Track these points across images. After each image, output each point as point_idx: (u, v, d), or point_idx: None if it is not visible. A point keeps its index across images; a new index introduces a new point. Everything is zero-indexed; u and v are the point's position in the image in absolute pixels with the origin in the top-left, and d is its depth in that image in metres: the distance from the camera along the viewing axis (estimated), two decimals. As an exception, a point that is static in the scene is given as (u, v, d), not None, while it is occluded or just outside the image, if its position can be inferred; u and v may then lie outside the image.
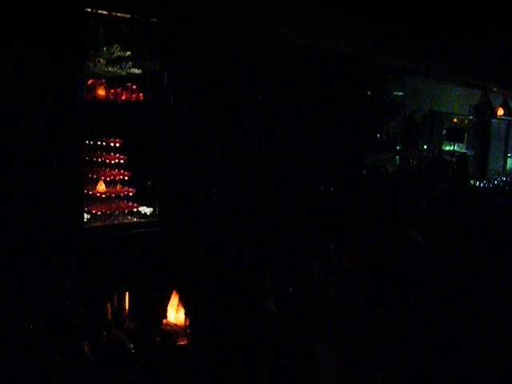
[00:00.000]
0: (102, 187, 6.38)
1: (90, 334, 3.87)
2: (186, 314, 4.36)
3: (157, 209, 6.77)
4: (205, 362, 3.79)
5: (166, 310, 4.38)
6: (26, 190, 5.50)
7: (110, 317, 4.10)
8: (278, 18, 6.92)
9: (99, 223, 6.26)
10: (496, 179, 14.41)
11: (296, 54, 8.50)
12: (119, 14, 6.03)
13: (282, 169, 8.58)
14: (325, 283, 5.20)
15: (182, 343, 4.09)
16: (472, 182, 12.59)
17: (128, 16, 6.11)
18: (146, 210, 6.78)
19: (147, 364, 3.68)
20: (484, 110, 14.49)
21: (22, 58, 5.36)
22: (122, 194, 6.54)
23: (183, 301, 4.46)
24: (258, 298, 4.54)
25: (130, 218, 6.60)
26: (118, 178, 6.51)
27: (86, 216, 6.13)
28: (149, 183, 6.91)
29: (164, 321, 4.33)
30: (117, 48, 6.24)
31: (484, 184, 13.50)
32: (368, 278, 5.20)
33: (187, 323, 4.33)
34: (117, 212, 6.47)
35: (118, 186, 6.55)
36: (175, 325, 4.28)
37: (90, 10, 5.74)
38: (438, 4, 6.23)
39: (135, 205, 6.66)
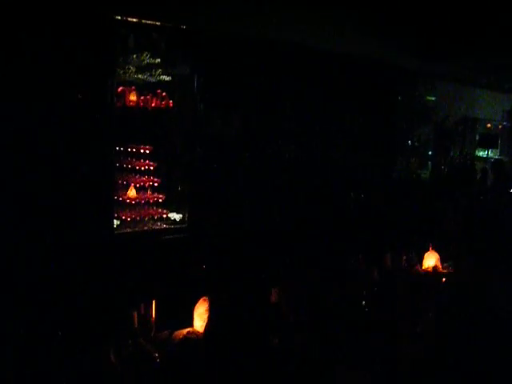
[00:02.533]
0: (132, 193, 6.41)
1: (117, 341, 3.88)
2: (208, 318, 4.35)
3: (186, 215, 6.77)
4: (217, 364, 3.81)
5: (192, 319, 4.37)
6: (56, 196, 5.53)
7: (136, 325, 4.09)
8: (309, 26, 6.89)
9: (129, 229, 6.27)
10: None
11: (328, 60, 8.45)
12: (149, 22, 6.05)
13: (312, 175, 8.54)
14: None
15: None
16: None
17: (158, 23, 6.13)
18: (175, 216, 6.80)
19: (172, 373, 3.67)
20: (517, 116, 14.30)
21: (54, 66, 5.40)
22: (151, 201, 6.57)
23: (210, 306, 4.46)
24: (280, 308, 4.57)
25: (159, 224, 6.61)
26: (147, 185, 6.54)
27: (115, 222, 6.16)
28: (178, 189, 6.92)
29: (190, 329, 4.32)
30: (147, 55, 6.27)
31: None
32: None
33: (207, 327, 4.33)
34: (146, 218, 6.49)
35: (148, 193, 6.58)
36: (201, 333, 4.26)
37: (119, 17, 5.77)
38: (471, 9, 6.16)
39: (165, 211, 6.67)
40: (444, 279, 6.19)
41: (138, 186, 6.47)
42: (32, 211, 5.38)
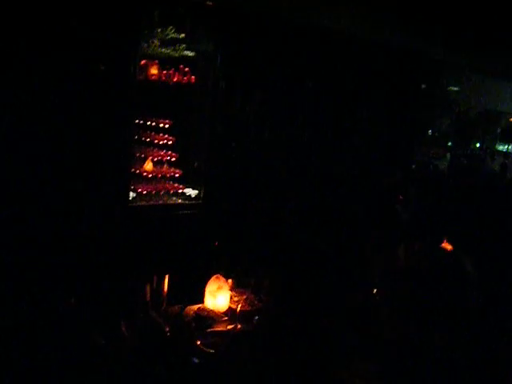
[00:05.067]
0: (149, 166, 6.41)
1: (128, 313, 3.91)
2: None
3: (202, 191, 6.78)
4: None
5: (203, 295, 4.39)
6: (74, 166, 5.56)
7: (148, 298, 4.12)
8: (333, 8, 6.83)
9: (144, 202, 6.29)
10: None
11: (350, 45, 8.38)
12: (176, -4, 6.03)
13: (330, 158, 8.52)
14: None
15: (218, 329, 4.09)
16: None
17: (184, -2, 6.11)
18: (191, 192, 6.80)
19: (181, 348, 3.70)
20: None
21: (78, 37, 5.40)
22: (168, 175, 6.56)
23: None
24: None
25: (174, 199, 6.62)
26: (165, 159, 6.53)
27: (131, 194, 6.17)
28: (195, 165, 6.92)
29: (201, 306, 4.34)
30: (171, 30, 6.23)
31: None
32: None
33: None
34: (162, 192, 6.50)
35: (165, 167, 6.57)
36: (211, 311, 4.28)
37: (147, -10, 5.75)
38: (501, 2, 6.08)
39: (181, 186, 6.66)
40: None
41: (155, 159, 6.46)
42: (50, 181, 5.41)
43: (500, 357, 4.47)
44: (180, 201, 6.64)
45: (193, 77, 6.64)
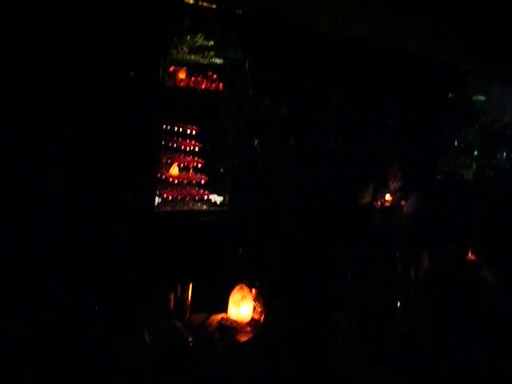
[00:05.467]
0: (175, 171, 6.45)
1: (151, 321, 3.93)
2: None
3: (227, 198, 6.79)
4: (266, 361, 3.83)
5: (227, 305, 4.40)
6: (102, 169, 5.60)
7: (172, 306, 4.14)
8: (360, 17, 6.81)
9: (169, 208, 6.31)
10: None
11: (378, 54, 8.35)
12: (205, 4, 6.05)
13: (355, 168, 8.49)
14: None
15: (242, 340, 4.10)
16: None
17: (213, 6, 6.12)
18: (216, 198, 6.82)
19: (204, 358, 3.71)
20: None
21: (108, 42, 5.45)
22: (194, 181, 6.59)
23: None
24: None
25: (199, 205, 6.64)
26: (191, 165, 6.57)
27: (157, 200, 6.21)
28: (221, 172, 6.94)
29: (224, 315, 4.35)
30: (200, 37, 6.27)
31: None
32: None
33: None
34: (187, 198, 6.52)
35: (191, 173, 6.60)
36: (235, 321, 4.29)
37: (177, -2, 5.79)
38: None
39: (206, 192, 6.68)
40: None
41: (181, 165, 6.51)
42: (77, 186, 5.45)
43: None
44: (205, 207, 6.66)
45: (221, 84, 6.68)
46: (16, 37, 4.97)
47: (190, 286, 4.39)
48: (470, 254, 6.38)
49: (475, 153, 11.96)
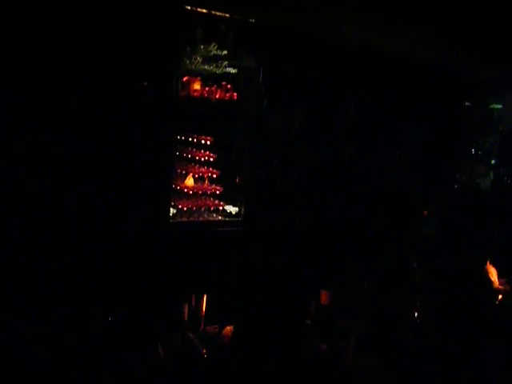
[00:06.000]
0: (190, 182, 6.42)
1: (165, 333, 3.88)
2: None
3: (242, 209, 6.75)
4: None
5: (241, 316, 4.34)
6: (117, 181, 5.59)
7: (186, 317, 4.09)
8: (375, 28, 6.77)
9: (184, 218, 6.28)
10: None
11: (394, 63, 8.29)
12: (218, 13, 6.03)
13: (371, 177, 8.42)
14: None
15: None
16: None
17: (227, 15, 6.10)
18: (231, 208, 6.77)
19: (218, 370, 3.65)
20: None
21: (122, 53, 5.45)
22: (208, 192, 6.56)
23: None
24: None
25: (214, 215, 6.59)
26: (206, 176, 6.54)
27: (172, 210, 6.18)
28: (236, 182, 6.90)
29: (239, 326, 4.29)
30: (214, 46, 6.25)
31: None
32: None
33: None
34: (202, 209, 6.49)
35: (206, 183, 6.57)
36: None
37: (190, 8, 5.76)
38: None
39: (221, 203, 6.64)
40: (501, 296, 6.01)
41: (196, 176, 6.48)
42: (92, 195, 5.44)
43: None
44: (220, 218, 6.61)
45: (235, 93, 6.64)
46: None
47: (205, 297, 4.33)
48: (488, 263, 6.29)
49: (492, 161, 11.85)
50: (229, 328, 4.19)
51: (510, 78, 10.23)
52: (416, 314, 5.09)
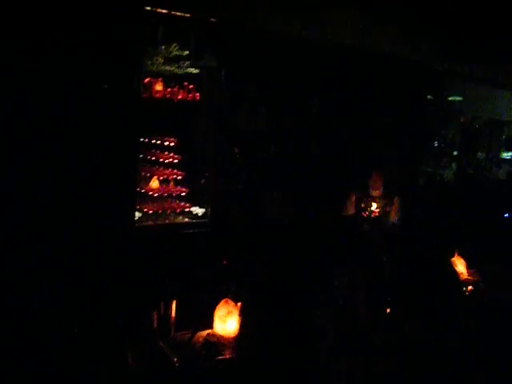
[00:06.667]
0: (155, 184, 6.34)
1: (134, 342, 3.81)
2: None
3: (209, 210, 6.69)
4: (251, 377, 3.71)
5: (212, 320, 4.28)
6: (79, 186, 5.48)
7: (155, 325, 4.01)
8: (338, 23, 6.78)
9: (150, 222, 6.22)
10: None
11: (356, 58, 8.30)
12: (178, 13, 5.96)
13: (337, 172, 8.43)
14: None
15: (229, 356, 3.98)
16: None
17: (187, 15, 6.03)
18: (197, 210, 6.72)
19: (191, 378, 3.60)
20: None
21: (81, 55, 5.34)
22: (174, 194, 6.50)
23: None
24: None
25: (181, 218, 6.54)
26: (171, 178, 6.47)
27: (137, 214, 6.09)
28: (202, 183, 6.84)
29: (210, 332, 4.22)
30: (175, 47, 6.20)
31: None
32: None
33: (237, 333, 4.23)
34: (168, 211, 6.42)
35: (171, 185, 6.51)
36: (221, 337, 4.17)
37: (149, 8, 5.68)
38: (501, 12, 6.06)
39: (187, 205, 6.59)
40: (470, 287, 6.04)
41: (161, 178, 6.41)
42: (52, 201, 5.32)
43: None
44: (187, 220, 6.56)
45: (197, 94, 6.58)
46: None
47: (174, 302, 4.25)
48: (456, 256, 6.32)
49: (454, 153, 12.01)
50: (200, 333, 4.14)
51: (469, 70, 10.35)
52: (388, 311, 5.08)
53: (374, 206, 7.57)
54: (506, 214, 10.19)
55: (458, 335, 4.79)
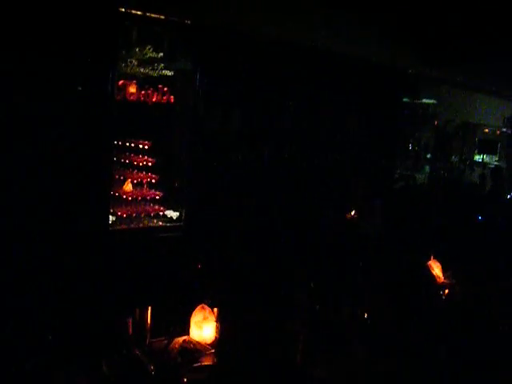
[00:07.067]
0: (128, 187, 6.26)
1: (109, 350, 3.73)
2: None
3: (183, 213, 6.63)
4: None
5: (188, 327, 4.22)
6: (51, 188, 5.39)
7: (130, 332, 3.94)
8: (312, 25, 6.78)
9: (124, 226, 6.13)
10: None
11: (331, 62, 8.31)
12: (153, 15, 5.90)
13: (310, 176, 8.42)
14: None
15: (206, 363, 3.92)
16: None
17: (162, 17, 5.98)
18: (172, 213, 6.66)
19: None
20: (518, 122, 14.24)
21: (54, 56, 5.26)
22: (148, 197, 6.42)
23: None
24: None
25: (155, 221, 6.47)
26: (145, 181, 6.40)
27: (111, 218, 6.01)
28: (176, 187, 6.78)
29: (186, 338, 4.16)
30: (149, 49, 6.15)
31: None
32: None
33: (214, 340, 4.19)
34: (142, 215, 6.35)
35: (145, 189, 6.43)
36: (198, 343, 4.11)
37: (124, 9, 5.62)
38: (473, 17, 6.12)
39: (161, 208, 6.52)
40: (447, 290, 6.06)
41: (135, 181, 6.33)
42: (24, 204, 5.22)
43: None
44: (161, 223, 6.49)
45: (172, 96, 6.52)
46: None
47: (149, 309, 4.18)
48: (432, 259, 6.34)
49: (428, 155, 12.11)
50: (176, 340, 4.07)
51: (442, 74, 10.44)
52: (365, 315, 5.07)
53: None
54: (480, 217, 10.28)
55: (433, 337, 4.81)
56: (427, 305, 5.36)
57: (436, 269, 6.23)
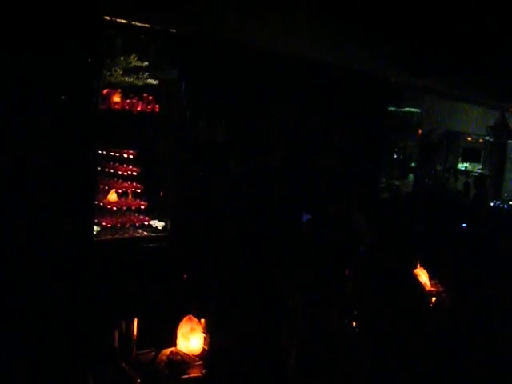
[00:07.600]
0: (113, 197, 6.20)
1: (96, 364, 3.67)
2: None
3: (168, 223, 6.58)
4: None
5: (175, 338, 4.18)
6: (35, 198, 5.32)
7: (116, 344, 3.88)
8: (297, 35, 6.77)
9: (109, 236, 6.06)
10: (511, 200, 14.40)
11: (316, 71, 8.32)
12: (138, 24, 5.87)
13: (297, 184, 8.40)
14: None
15: (194, 375, 3.87)
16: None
17: (147, 26, 5.95)
18: (157, 223, 6.59)
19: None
20: (501, 131, 14.33)
21: (37, 65, 5.20)
22: (133, 207, 6.35)
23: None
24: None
25: (140, 231, 6.39)
26: (130, 191, 6.34)
27: (95, 228, 5.94)
28: (161, 196, 6.73)
29: (173, 350, 4.12)
30: (134, 58, 6.11)
31: (498, 204, 13.53)
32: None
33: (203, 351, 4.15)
34: (127, 225, 6.28)
35: (130, 198, 6.37)
36: (185, 354, 4.06)
37: (108, 18, 5.57)
38: (456, 27, 6.15)
39: (147, 218, 6.45)
40: (434, 298, 6.07)
41: (119, 191, 6.26)
42: (7, 214, 5.15)
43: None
44: (146, 233, 6.41)
45: (157, 105, 6.47)
46: None
47: (135, 320, 4.13)
48: (419, 267, 6.35)
49: (412, 164, 12.16)
50: (163, 352, 4.02)
51: (426, 83, 10.50)
52: (354, 324, 5.06)
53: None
54: (464, 225, 10.34)
55: (423, 346, 4.80)
56: (416, 312, 5.34)
57: (423, 276, 6.24)
